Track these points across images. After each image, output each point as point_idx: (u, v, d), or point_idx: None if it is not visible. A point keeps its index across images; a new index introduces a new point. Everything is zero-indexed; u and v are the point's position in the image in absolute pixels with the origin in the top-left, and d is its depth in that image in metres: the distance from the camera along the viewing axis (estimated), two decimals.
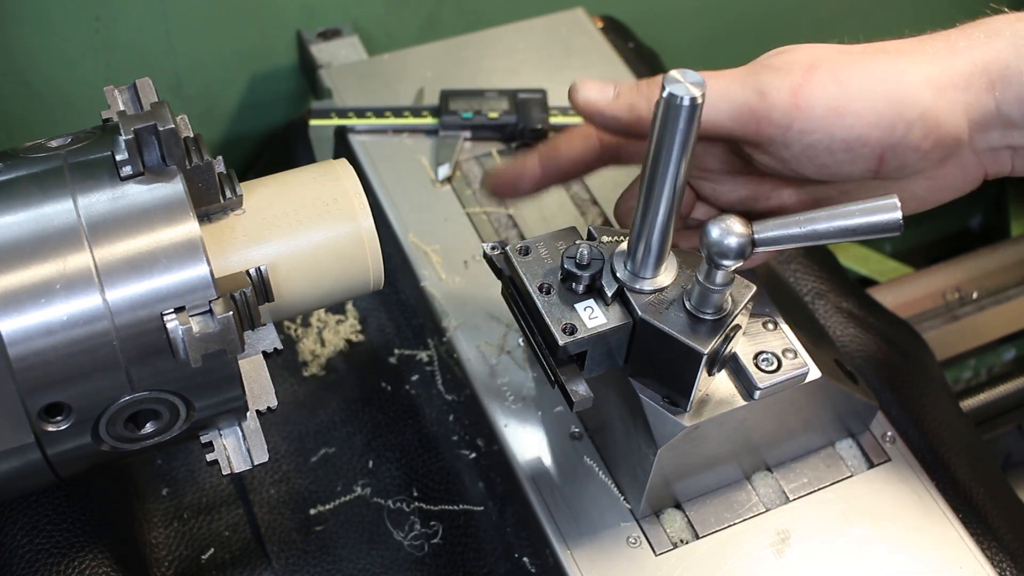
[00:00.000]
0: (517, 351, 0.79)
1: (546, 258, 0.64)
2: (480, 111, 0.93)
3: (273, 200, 0.58)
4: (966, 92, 0.61)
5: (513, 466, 0.73)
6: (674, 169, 0.55)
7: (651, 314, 0.61)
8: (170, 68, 1.04)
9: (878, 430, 0.75)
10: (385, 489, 0.78)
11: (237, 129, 1.12)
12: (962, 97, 0.61)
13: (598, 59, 1.01)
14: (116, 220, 0.51)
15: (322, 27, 1.05)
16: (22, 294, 0.50)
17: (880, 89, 0.60)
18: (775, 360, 0.65)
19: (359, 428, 0.81)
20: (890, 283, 1.13)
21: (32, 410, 0.51)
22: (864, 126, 0.60)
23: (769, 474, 0.73)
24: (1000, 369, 1.17)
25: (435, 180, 0.91)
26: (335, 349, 0.85)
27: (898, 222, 0.58)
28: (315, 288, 0.59)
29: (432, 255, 0.85)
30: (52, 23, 0.96)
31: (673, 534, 0.70)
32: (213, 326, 0.51)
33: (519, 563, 0.73)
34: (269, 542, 0.76)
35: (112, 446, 0.55)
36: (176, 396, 0.54)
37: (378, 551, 0.75)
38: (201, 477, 0.79)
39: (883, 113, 0.60)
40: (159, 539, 0.76)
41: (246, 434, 0.59)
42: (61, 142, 0.54)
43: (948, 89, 0.60)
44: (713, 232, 0.56)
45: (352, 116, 0.94)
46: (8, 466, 0.54)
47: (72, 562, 0.68)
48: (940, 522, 0.71)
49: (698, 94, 0.52)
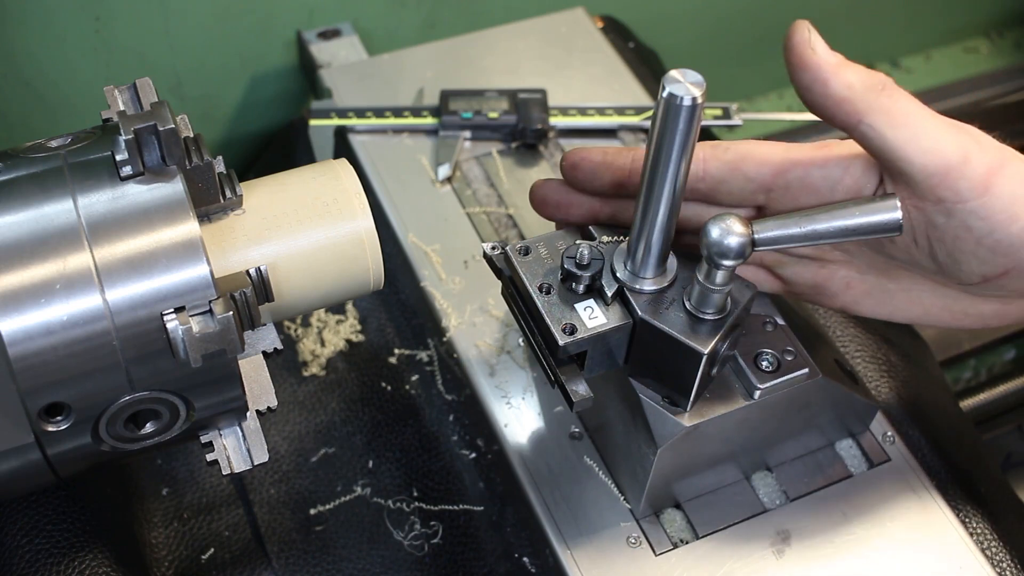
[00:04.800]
0: (517, 351, 0.79)
1: (546, 258, 0.64)
2: (480, 111, 0.93)
3: (273, 200, 0.58)
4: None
5: (513, 466, 0.74)
6: (674, 169, 0.55)
7: (651, 314, 0.61)
8: (170, 68, 1.04)
9: (878, 430, 0.75)
10: (385, 489, 0.78)
11: (237, 129, 1.12)
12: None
13: (598, 59, 1.01)
14: (116, 220, 0.51)
15: (322, 27, 1.05)
16: (22, 294, 0.50)
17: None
18: (775, 360, 0.65)
19: (359, 428, 0.81)
20: None
21: (32, 410, 0.51)
22: (1021, 239, 0.58)
23: (769, 474, 0.73)
24: (1000, 369, 1.17)
25: (435, 180, 0.91)
26: (335, 349, 0.85)
27: (898, 222, 0.58)
28: (315, 288, 0.59)
29: (432, 255, 0.85)
30: (52, 23, 0.96)
31: (673, 534, 0.70)
32: (213, 326, 0.51)
33: (519, 563, 0.73)
34: (269, 542, 0.76)
35: (112, 446, 0.55)
36: (176, 396, 0.54)
37: (378, 551, 0.75)
38: (201, 477, 0.79)
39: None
40: (159, 539, 0.76)
41: (246, 434, 0.59)
42: (61, 142, 0.54)
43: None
44: (713, 232, 0.56)
45: (352, 116, 0.94)
46: (8, 466, 0.54)
47: (72, 562, 0.68)
48: (940, 522, 0.71)
49: (698, 94, 0.52)
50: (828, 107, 0.59)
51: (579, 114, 0.95)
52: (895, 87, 0.59)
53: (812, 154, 0.63)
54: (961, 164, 0.57)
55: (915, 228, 0.61)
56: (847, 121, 0.59)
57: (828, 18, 1.32)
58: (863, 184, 0.62)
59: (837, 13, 1.32)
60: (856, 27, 1.35)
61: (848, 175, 0.62)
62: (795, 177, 0.63)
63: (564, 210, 0.68)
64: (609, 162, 0.67)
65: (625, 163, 0.66)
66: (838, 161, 0.62)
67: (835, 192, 0.63)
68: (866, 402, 0.73)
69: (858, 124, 0.59)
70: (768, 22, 1.29)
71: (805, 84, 0.59)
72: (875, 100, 0.58)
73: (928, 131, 0.58)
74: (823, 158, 0.63)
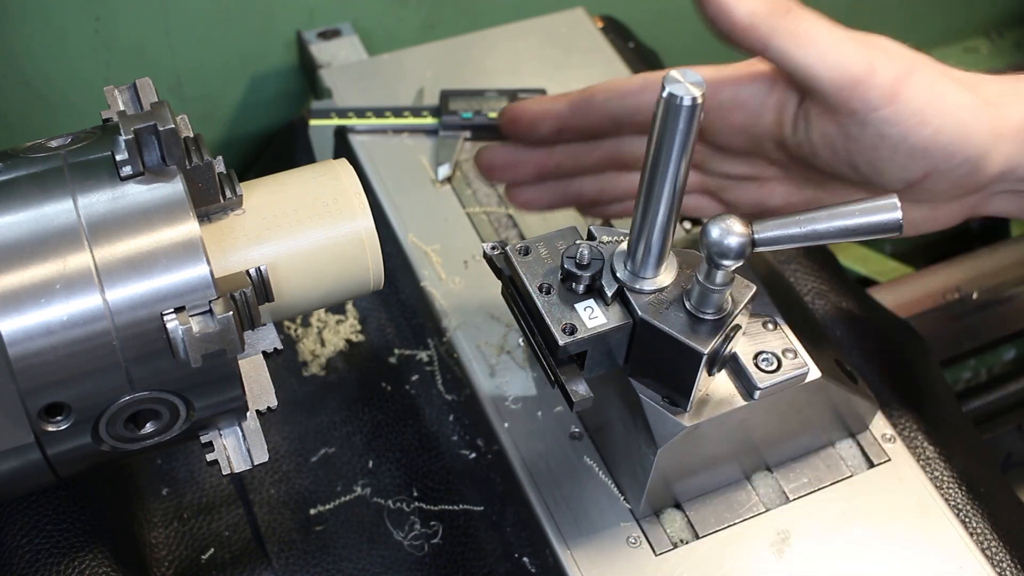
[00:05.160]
0: (517, 351, 0.79)
1: (546, 258, 0.64)
2: (480, 111, 0.93)
3: (273, 200, 0.58)
4: (1011, 145, 0.63)
5: (513, 466, 0.73)
6: (674, 169, 0.55)
7: (651, 314, 0.61)
8: (170, 68, 1.04)
9: (878, 430, 0.75)
10: (385, 489, 0.78)
11: (237, 129, 1.12)
12: (1007, 149, 0.63)
13: (598, 59, 1.01)
14: (116, 220, 0.51)
15: (322, 27, 1.05)
16: (22, 294, 0.50)
17: (962, 117, 0.61)
18: (775, 360, 0.65)
19: (359, 428, 0.81)
20: (890, 283, 1.13)
21: (32, 410, 0.51)
22: (935, 142, 0.62)
23: (769, 474, 0.73)
24: (1000, 369, 1.16)
25: (435, 180, 0.91)
26: (335, 349, 0.85)
27: (898, 222, 0.58)
28: (315, 288, 0.59)
29: (432, 255, 0.85)
30: (52, 23, 0.96)
31: (673, 534, 0.70)
32: (213, 326, 0.51)
33: (519, 563, 0.73)
34: (269, 542, 0.76)
35: (112, 446, 0.55)
36: (176, 396, 0.54)
37: (378, 551, 0.75)
38: (201, 477, 0.79)
39: (954, 139, 0.61)
40: (159, 539, 0.76)
41: (246, 434, 0.59)
42: (61, 142, 0.54)
43: (1002, 139, 0.62)
44: (713, 232, 0.56)
45: (352, 116, 0.94)
46: (8, 466, 0.54)
47: (72, 562, 0.68)
48: (940, 522, 0.71)
49: (698, 94, 0.52)
50: (736, 34, 0.62)
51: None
52: (800, 8, 0.62)
53: (739, 72, 0.67)
54: (868, 75, 0.61)
55: (834, 141, 0.64)
56: (755, 46, 0.62)
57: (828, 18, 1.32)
58: (787, 100, 0.65)
59: (837, 13, 1.32)
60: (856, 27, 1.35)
61: (774, 91, 0.66)
62: (727, 97, 0.66)
63: (512, 170, 0.71)
64: (546, 109, 0.70)
65: (562, 108, 0.70)
66: (763, 78, 0.66)
67: (764, 108, 0.66)
68: (866, 402, 0.73)
69: (766, 48, 0.62)
70: None
71: (711, 15, 0.62)
72: (779, 23, 0.61)
73: (834, 47, 0.61)
74: (749, 75, 0.66)
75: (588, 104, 0.70)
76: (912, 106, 0.61)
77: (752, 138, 0.68)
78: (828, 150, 0.65)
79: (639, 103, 0.69)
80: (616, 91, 0.70)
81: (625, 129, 0.70)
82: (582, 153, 0.72)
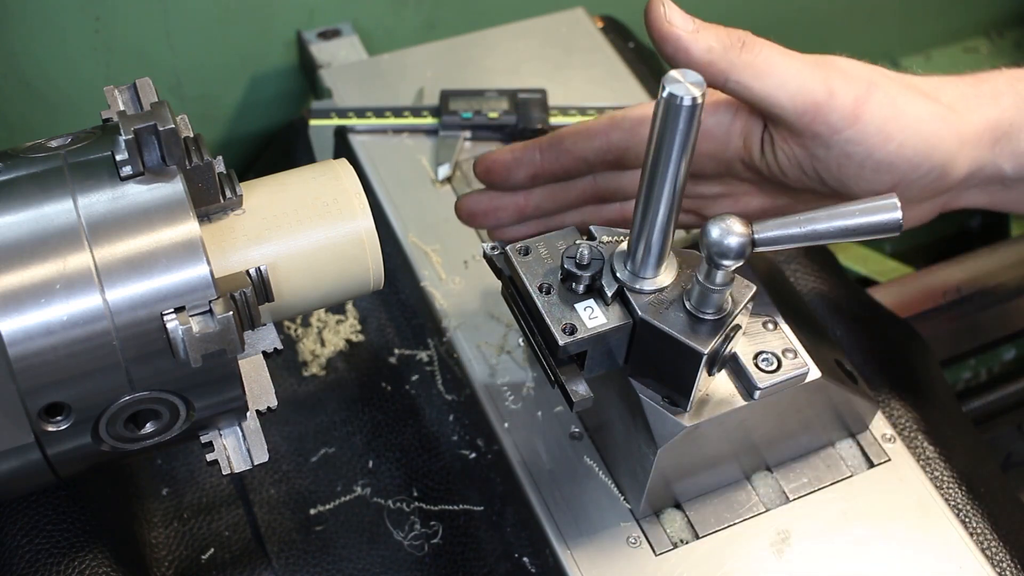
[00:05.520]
0: (517, 351, 0.79)
1: (546, 258, 0.64)
2: (480, 111, 0.93)
3: (273, 200, 0.58)
4: (975, 148, 0.64)
5: (513, 466, 0.73)
6: (674, 169, 0.55)
7: (651, 314, 0.61)
8: (170, 68, 1.04)
9: (878, 430, 0.75)
10: (385, 489, 0.78)
11: (237, 129, 1.12)
12: (972, 152, 0.64)
13: (598, 59, 1.01)
14: (116, 220, 0.51)
15: (322, 27, 1.05)
16: (22, 294, 0.50)
17: (925, 129, 0.63)
18: (775, 360, 0.65)
19: (359, 428, 0.81)
20: (890, 283, 1.13)
21: (32, 410, 0.51)
22: (900, 156, 0.63)
23: (769, 474, 0.73)
24: (1000, 369, 1.17)
25: (435, 180, 0.91)
26: (335, 349, 0.85)
27: (898, 222, 0.58)
28: (315, 288, 0.59)
29: (432, 255, 0.85)
30: (52, 23, 0.96)
31: (673, 534, 0.70)
32: (213, 326, 0.51)
33: (519, 563, 0.73)
34: (269, 542, 0.76)
35: (112, 446, 0.55)
36: (176, 396, 0.54)
37: (378, 551, 0.75)
38: (201, 477, 0.79)
39: (919, 150, 0.63)
40: (159, 539, 0.76)
41: (246, 434, 0.59)
42: (61, 142, 0.54)
43: (966, 144, 0.64)
44: (713, 232, 0.56)
45: (352, 116, 0.94)
46: (8, 466, 0.54)
47: (72, 562, 0.68)
48: (940, 522, 0.71)
49: (698, 94, 0.52)
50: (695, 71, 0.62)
51: (579, 114, 0.95)
52: (755, 40, 0.63)
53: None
54: (828, 98, 0.62)
55: (802, 163, 0.65)
56: (715, 81, 0.63)
57: (828, 18, 1.32)
58: (752, 126, 0.66)
59: (837, 13, 1.32)
60: (855, 27, 1.35)
61: (738, 118, 0.67)
62: None
63: (494, 215, 0.73)
64: (518, 157, 0.71)
65: (533, 155, 0.71)
66: (727, 107, 0.67)
67: (730, 135, 0.67)
68: (866, 402, 0.73)
69: (726, 82, 0.63)
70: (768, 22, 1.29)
71: (669, 55, 0.63)
72: (737, 57, 0.62)
73: (792, 75, 0.62)
74: (713, 104, 0.67)
75: (558, 149, 0.71)
76: (874, 124, 0.62)
77: (721, 163, 0.69)
78: (796, 170, 0.66)
79: (608, 142, 0.70)
80: (583, 133, 0.71)
81: (598, 167, 0.72)
82: (559, 193, 0.74)
